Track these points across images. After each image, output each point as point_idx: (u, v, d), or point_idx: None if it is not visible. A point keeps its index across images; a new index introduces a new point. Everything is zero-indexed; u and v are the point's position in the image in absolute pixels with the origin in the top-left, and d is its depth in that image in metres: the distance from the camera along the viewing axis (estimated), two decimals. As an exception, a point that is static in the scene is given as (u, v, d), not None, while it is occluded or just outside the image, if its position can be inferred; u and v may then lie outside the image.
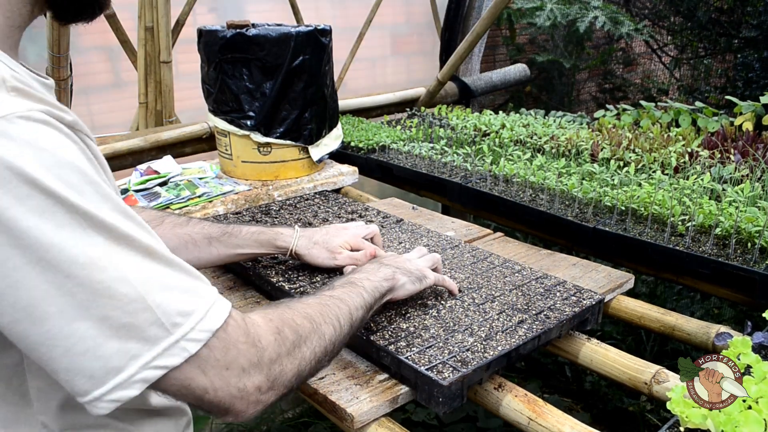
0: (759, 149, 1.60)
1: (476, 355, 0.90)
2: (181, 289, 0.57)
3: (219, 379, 0.59)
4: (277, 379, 0.64)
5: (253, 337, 0.63)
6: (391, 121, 2.36)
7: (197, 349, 0.57)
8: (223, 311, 0.60)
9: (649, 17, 4.46)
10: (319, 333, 0.72)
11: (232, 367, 0.60)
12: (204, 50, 1.66)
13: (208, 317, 0.58)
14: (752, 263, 1.13)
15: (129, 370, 0.54)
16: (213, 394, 0.59)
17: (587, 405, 2.46)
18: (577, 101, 4.90)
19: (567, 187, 1.48)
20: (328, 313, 0.76)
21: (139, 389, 0.55)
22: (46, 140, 0.51)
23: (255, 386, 0.62)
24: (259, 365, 0.62)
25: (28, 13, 0.64)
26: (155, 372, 0.55)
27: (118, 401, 0.54)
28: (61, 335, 0.52)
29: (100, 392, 0.54)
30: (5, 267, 0.50)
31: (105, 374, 0.53)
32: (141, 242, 0.56)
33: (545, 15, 3.39)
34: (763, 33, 3.86)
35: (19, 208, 0.49)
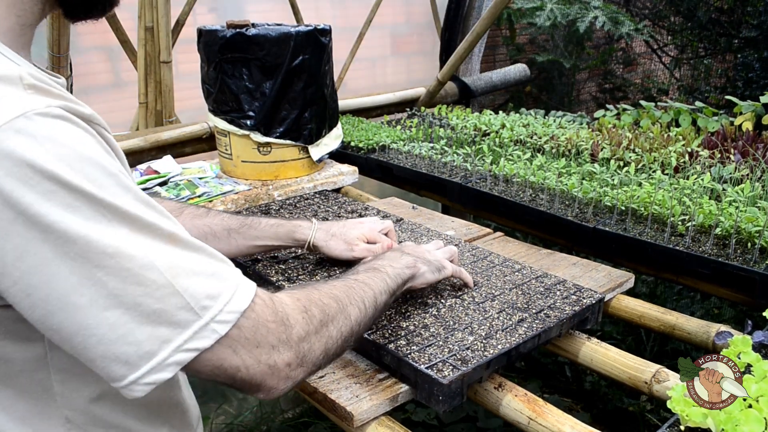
0: (759, 149, 1.60)
1: (476, 353, 0.90)
2: (207, 273, 0.58)
3: (250, 357, 0.60)
4: (306, 357, 0.66)
5: (281, 316, 0.64)
6: (391, 121, 2.36)
7: (227, 330, 0.58)
8: (249, 292, 0.61)
9: (649, 17, 4.46)
10: (345, 313, 0.74)
11: (262, 345, 0.61)
12: (204, 50, 1.66)
13: (235, 299, 0.59)
14: (752, 263, 1.13)
15: (162, 354, 0.55)
16: (245, 372, 0.61)
17: (587, 405, 2.46)
18: (577, 101, 4.90)
19: (567, 187, 1.48)
20: (353, 295, 0.78)
21: (172, 372, 0.56)
22: (65, 136, 0.52)
23: (285, 363, 0.64)
24: (288, 342, 0.64)
25: (39, 11, 0.65)
26: (187, 354, 0.56)
27: (153, 384, 0.56)
28: (94, 324, 0.53)
29: (135, 376, 0.55)
30: (36, 261, 0.51)
31: (139, 359, 0.55)
32: (164, 230, 0.57)
33: (545, 15, 3.39)
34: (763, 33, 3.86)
35: (44, 204, 0.50)
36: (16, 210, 0.49)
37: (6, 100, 0.51)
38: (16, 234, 0.50)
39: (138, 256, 0.54)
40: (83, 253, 0.51)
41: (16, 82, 0.53)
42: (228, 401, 2.53)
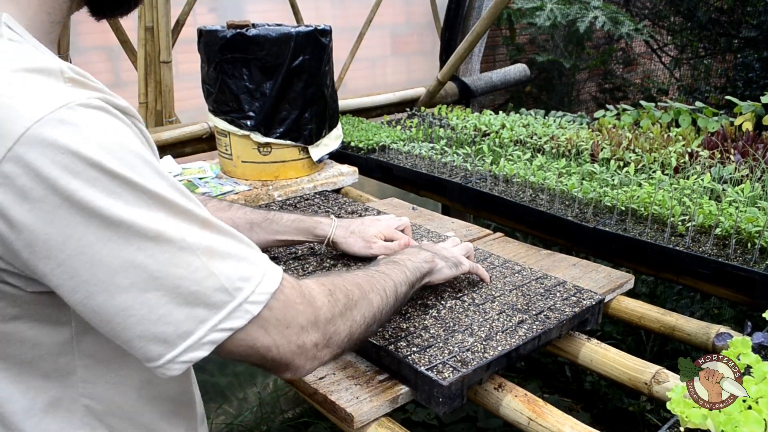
0: (759, 149, 1.60)
1: (476, 355, 0.90)
2: (239, 256, 0.61)
3: (281, 337, 0.63)
4: (332, 338, 0.69)
5: (309, 298, 0.67)
6: (391, 121, 2.36)
7: (259, 310, 0.61)
8: (277, 275, 0.64)
9: (649, 17, 4.46)
10: (368, 300, 0.77)
11: (292, 326, 0.64)
12: (204, 50, 1.66)
13: (265, 281, 0.62)
14: (752, 263, 1.13)
15: (198, 334, 0.58)
16: (276, 352, 0.64)
17: (587, 405, 2.46)
18: (577, 101, 4.90)
19: (567, 187, 1.48)
20: (375, 284, 0.81)
21: (207, 350, 0.59)
22: (106, 126, 0.54)
23: (313, 343, 0.67)
24: (316, 324, 0.67)
25: (67, 8, 0.67)
26: (222, 334, 0.59)
27: (189, 362, 0.58)
28: (134, 306, 0.55)
29: (172, 355, 0.57)
30: (80, 245, 0.53)
31: (176, 338, 0.57)
32: (198, 215, 0.59)
33: (545, 15, 3.39)
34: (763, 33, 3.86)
35: (88, 190, 0.52)
36: (61, 196, 0.51)
37: (49, 91, 0.53)
38: (61, 219, 0.52)
39: (176, 240, 0.56)
40: (126, 236, 0.54)
41: (57, 75, 0.55)
42: (228, 401, 2.53)
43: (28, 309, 0.60)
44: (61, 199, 0.51)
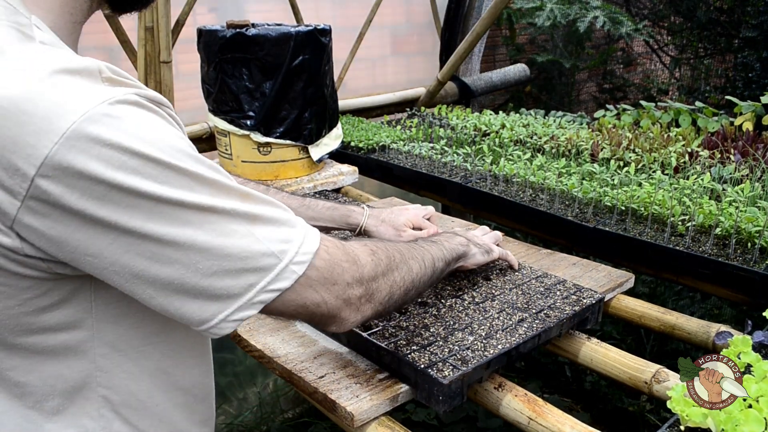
0: (759, 149, 1.60)
1: (476, 353, 0.90)
2: (280, 221, 0.65)
3: (328, 293, 0.69)
4: (374, 295, 0.75)
5: (353, 256, 0.72)
6: (391, 121, 2.36)
7: (304, 269, 0.65)
8: (316, 235, 0.68)
9: (649, 17, 4.46)
10: (408, 265, 0.82)
11: (339, 282, 0.70)
12: (204, 50, 1.66)
13: (307, 241, 0.66)
14: (752, 263, 1.13)
15: (248, 295, 0.62)
16: (325, 307, 0.69)
17: (587, 405, 2.46)
18: (577, 101, 4.90)
19: (567, 187, 1.48)
20: (415, 253, 0.86)
21: (257, 309, 0.64)
22: (143, 119, 0.57)
23: (357, 297, 0.73)
24: (360, 280, 0.73)
25: (88, 8, 0.69)
26: (271, 294, 0.63)
27: (240, 320, 0.63)
28: (188, 275, 0.59)
29: (225, 314, 0.62)
30: (131, 225, 0.56)
31: (228, 298, 0.62)
32: (238, 189, 0.63)
33: (545, 15, 3.39)
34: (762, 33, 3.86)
35: (135, 178, 0.55)
36: (108, 185, 0.54)
37: (90, 89, 0.55)
38: (110, 203, 0.55)
39: (222, 211, 0.60)
40: (173, 213, 0.57)
41: (96, 74, 0.57)
42: (228, 401, 2.53)
43: (56, 298, 0.62)
44: (109, 187, 0.54)
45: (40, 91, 0.53)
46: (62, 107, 0.53)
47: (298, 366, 0.96)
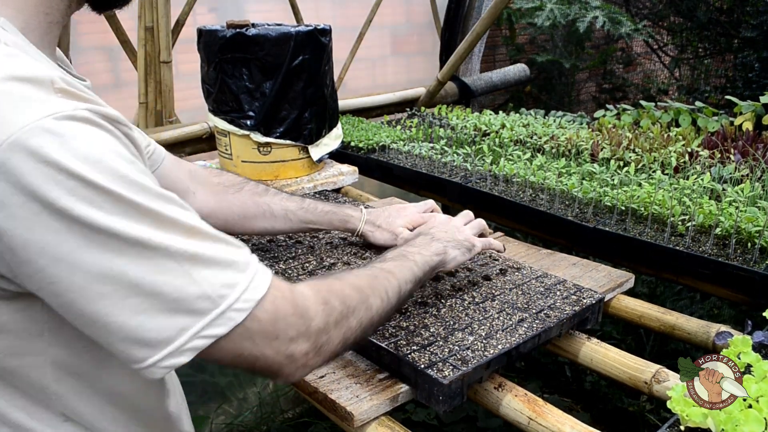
0: (759, 149, 1.60)
1: (476, 353, 0.90)
2: (225, 262, 0.60)
3: (269, 348, 0.63)
4: (323, 347, 0.68)
5: (301, 309, 0.66)
6: (391, 121, 2.36)
7: (243, 318, 0.60)
8: (265, 282, 0.63)
9: (649, 17, 4.46)
10: (367, 304, 0.75)
11: (281, 337, 0.63)
12: (204, 50, 1.66)
13: (252, 287, 0.61)
14: (752, 263, 1.13)
15: (180, 340, 0.57)
16: (264, 361, 0.63)
17: (587, 405, 2.46)
18: (577, 101, 4.90)
19: (567, 187, 1.48)
20: (377, 286, 0.79)
21: (189, 356, 0.59)
22: (90, 137, 0.54)
23: (302, 353, 0.66)
24: (306, 334, 0.66)
25: (66, 8, 0.66)
26: (205, 341, 0.59)
27: (171, 367, 0.58)
28: (115, 311, 0.55)
29: (154, 360, 0.57)
30: (60, 251, 0.53)
31: (158, 344, 0.57)
32: (184, 223, 0.59)
33: (545, 15, 3.39)
34: (762, 33, 3.86)
35: (69, 198, 0.52)
36: (41, 203, 0.51)
37: (36, 100, 0.53)
38: (42, 225, 0.52)
39: (158, 248, 0.56)
40: (106, 243, 0.54)
41: (47, 85, 0.55)
42: (228, 401, 2.53)
43: (6, 316, 0.60)
44: (41, 206, 0.51)
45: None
46: (3, 117, 0.51)
47: (298, 366, 0.96)
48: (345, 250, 1.27)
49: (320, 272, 1.16)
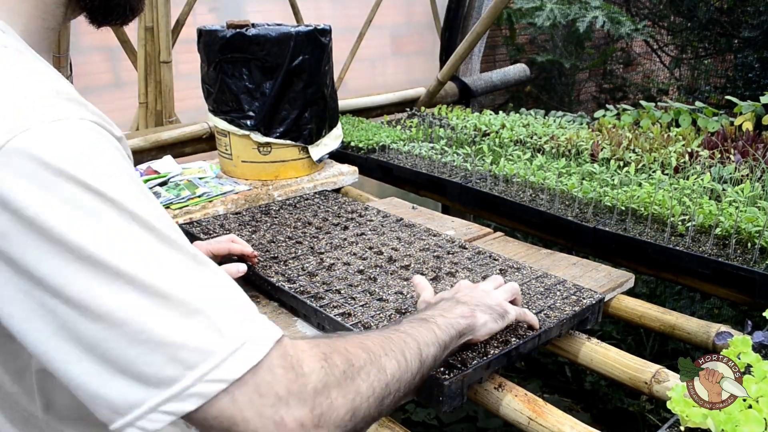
0: (759, 149, 1.60)
1: (476, 354, 0.90)
2: (224, 309, 0.53)
3: (250, 407, 0.50)
4: (325, 415, 0.54)
5: (292, 361, 0.54)
6: (391, 121, 2.36)
7: (241, 374, 0.51)
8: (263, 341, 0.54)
9: (649, 17, 4.46)
10: (378, 365, 0.61)
11: (266, 395, 0.51)
12: (204, 50, 1.66)
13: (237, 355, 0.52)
14: (752, 263, 1.13)
15: (140, 410, 0.50)
16: (243, 427, 0.50)
17: (587, 405, 2.46)
18: (577, 101, 4.90)
19: (567, 187, 1.48)
20: (390, 346, 0.65)
21: (161, 424, 0.50)
22: (94, 148, 0.51)
23: (296, 421, 0.52)
24: (300, 395, 0.52)
25: (62, 14, 0.66)
26: (168, 417, 0.50)
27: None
28: (74, 372, 0.50)
29: (121, 424, 0.50)
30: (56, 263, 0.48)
31: (126, 409, 0.50)
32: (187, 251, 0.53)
33: (545, 15, 3.39)
34: (763, 33, 3.86)
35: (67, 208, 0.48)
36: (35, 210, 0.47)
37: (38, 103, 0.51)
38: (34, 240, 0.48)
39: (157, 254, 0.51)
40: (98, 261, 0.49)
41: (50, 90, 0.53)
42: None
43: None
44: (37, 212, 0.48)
45: None
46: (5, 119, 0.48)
47: (298, 366, 0.96)
48: (345, 250, 1.27)
49: (320, 272, 1.16)
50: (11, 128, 0.48)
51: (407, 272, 1.17)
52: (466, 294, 0.90)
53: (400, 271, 1.17)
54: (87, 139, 0.51)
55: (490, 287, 0.94)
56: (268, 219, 1.46)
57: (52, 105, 0.51)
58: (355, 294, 1.08)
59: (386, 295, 1.07)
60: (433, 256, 1.24)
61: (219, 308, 0.52)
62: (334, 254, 1.24)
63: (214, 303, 0.52)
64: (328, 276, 1.15)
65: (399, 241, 1.32)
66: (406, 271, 1.17)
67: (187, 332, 0.49)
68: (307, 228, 1.40)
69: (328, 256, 1.23)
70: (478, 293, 0.90)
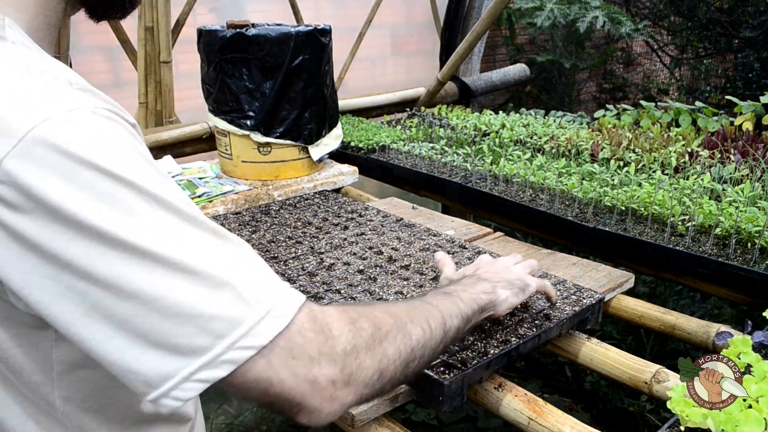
0: (759, 149, 1.60)
1: (476, 354, 0.90)
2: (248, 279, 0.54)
3: (284, 369, 0.54)
4: (354, 374, 0.58)
5: (322, 324, 0.57)
6: (391, 121, 2.36)
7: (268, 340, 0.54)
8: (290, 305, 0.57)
9: (649, 17, 4.46)
10: (405, 331, 0.65)
11: (299, 356, 0.54)
12: (204, 50, 1.66)
13: (275, 311, 0.55)
14: (752, 263, 1.13)
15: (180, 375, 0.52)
16: (279, 387, 0.54)
17: (587, 405, 2.46)
18: (577, 101, 4.90)
19: (567, 187, 1.48)
20: (415, 314, 0.69)
21: (197, 390, 0.52)
22: (112, 135, 0.52)
23: (328, 379, 0.56)
24: (330, 355, 0.56)
25: (62, 10, 0.66)
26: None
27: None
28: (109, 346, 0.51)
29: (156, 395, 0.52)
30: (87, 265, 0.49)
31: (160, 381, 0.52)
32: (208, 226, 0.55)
33: (545, 15, 3.39)
34: (763, 33, 3.86)
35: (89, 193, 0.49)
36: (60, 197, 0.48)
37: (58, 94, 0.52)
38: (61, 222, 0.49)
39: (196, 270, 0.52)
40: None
41: (64, 81, 0.54)
42: (228, 401, 2.53)
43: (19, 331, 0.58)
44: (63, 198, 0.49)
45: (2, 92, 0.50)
46: (24, 110, 0.49)
47: (298, 366, 0.96)
48: (345, 250, 1.27)
49: (320, 272, 1.16)
50: (30, 119, 0.49)
51: (407, 272, 1.17)
52: (487, 270, 0.93)
53: (400, 271, 1.17)
54: (104, 127, 0.52)
55: (510, 263, 0.98)
56: (268, 219, 1.46)
57: (68, 95, 0.52)
58: (355, 294, 1.08)
59: (386, 295, 1.07)
60: (433, 256, 1.24)
61: (244, 279, 0.54)
62: (334, 254, 1.24)
63: (240, 274, 0.54)
64: (328, 276, 1.15)
65: (399, 241, 1.32)
66: (406, 271, 1.17)
67: (216, 304, 0.51)
68: (307, 228, 1.40)
69: (328, 256, 1.23)
70: (498, 268, 0.94)
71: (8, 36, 0.57)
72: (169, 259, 0.51)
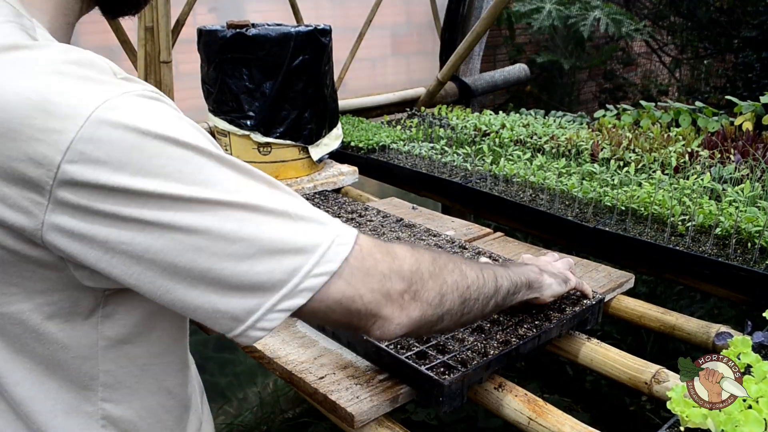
0: (759, 149, 1.60)
1: (476, 354, 0.90)
2: (309, 217, 0.60)
3: (362, 284, 0.61)
4: (419, 292, 0.66)
5: (388, 249, 0.65)
6: (391, 121, 2.36)
7: (336, 267, 0.59)
8: (351, 234, 0.62)
9: (650, 17, 4.46)
10: (460, 270, 0.72)
11: (372, 273, 0.62)
12: (204, 50, 1.66)
13: (339, 241, 0.61)
14: (752, 263, 1.13)
15: (294, 280, 0.57)
16: (360, 302, 0.61)
17: (587, 405, 2.46)
18: (578, 101, 4.90)
19: (567, 187, 1.48)
20: (470, 263, 0.75)
21: (304, 299, 0.58)
22: (164, 111, 0.56)
23: (398, 292, 0.64)
24: (399, 273, 0.64)
25: (79, 9, 0.68)
26: (318, 280, 0.58)
27: (286, 312, 0.58)
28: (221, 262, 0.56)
29: (246, 326, 0.58)
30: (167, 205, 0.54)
31: (272, 287, 0.57)
32: (265, 177, 0.60)
33: (543, 16, 3.39)
34: (762, 33, 3.86)
35: (159, 160, 0.53)
36: (134, 168, 0.52)
37: (108, 81, 0.55)
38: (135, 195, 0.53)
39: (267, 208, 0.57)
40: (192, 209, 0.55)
41: (107, 69, 0.58)
42: (228, 401, 2.53)
43: (64, 307, 0.60)
44: (134, 170, 0.53)
45: (59, 81, 0.53)
46: (83, 96, 0.53)
47: (299, 367, 0.96)
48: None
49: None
50: (89, 103, 0.52)
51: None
52: (532, 259, 1.02)
53: (400, 271, 1.17)
54: (156, 105, 0.56)
55: (550, 260, 1.05)
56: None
57: (117, 82, 0.56)
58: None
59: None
60: None
61: (309, 215, 0.60)
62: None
63: (303, 211, 0.60)
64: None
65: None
66: (406, 271, 1.17)
67: (291, 236, 0.57)
68: None
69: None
70: (542, 262, 1.01)
71: (38, 37, 0.59)
72: (243, 203, 0.56)
